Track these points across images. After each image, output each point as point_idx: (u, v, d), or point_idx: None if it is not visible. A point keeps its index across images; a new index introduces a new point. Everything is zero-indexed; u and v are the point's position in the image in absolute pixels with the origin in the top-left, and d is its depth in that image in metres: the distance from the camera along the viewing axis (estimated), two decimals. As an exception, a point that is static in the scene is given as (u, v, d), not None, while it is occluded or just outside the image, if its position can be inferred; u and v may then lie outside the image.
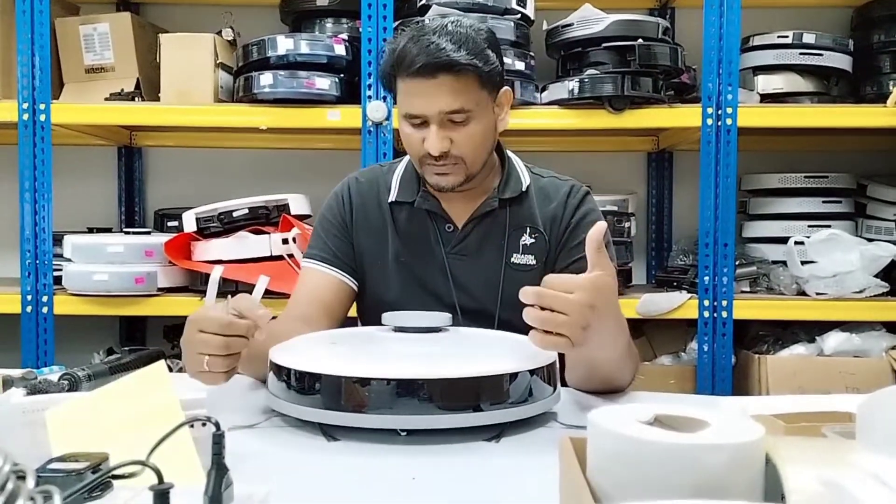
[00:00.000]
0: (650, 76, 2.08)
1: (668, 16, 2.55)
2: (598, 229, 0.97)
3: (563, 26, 2.15)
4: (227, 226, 2.21)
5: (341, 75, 2.18)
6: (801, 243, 2.14)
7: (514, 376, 0.92)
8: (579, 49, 2.14)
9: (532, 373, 0.94)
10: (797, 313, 2.13)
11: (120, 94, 2.30)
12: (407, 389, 0.88)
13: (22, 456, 0.75)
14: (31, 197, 2.22)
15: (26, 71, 2.18)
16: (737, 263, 2.15)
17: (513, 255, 1.32)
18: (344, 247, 1.36)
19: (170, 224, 2.44)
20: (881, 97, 2.17)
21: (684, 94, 2.27)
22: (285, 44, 2.15)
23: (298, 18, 2.35)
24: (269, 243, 2.16)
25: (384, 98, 2.11)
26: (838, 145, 2.50)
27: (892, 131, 2.14)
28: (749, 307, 2.13)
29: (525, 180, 1.36)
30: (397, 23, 2.10)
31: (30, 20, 2.17)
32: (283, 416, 0.97)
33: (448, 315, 1.14)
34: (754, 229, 2.37)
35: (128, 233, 2.30)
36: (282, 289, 1.96)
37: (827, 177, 2.30)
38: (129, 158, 2.74)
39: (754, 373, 2.14)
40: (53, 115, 2.19)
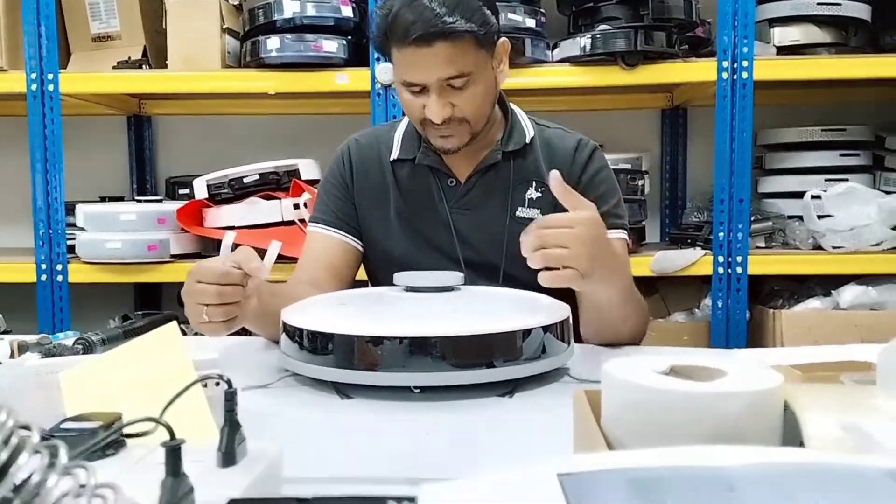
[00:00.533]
0: (664, 30, 2.04)
1: (681, -32, 2.49)
2: (555, 176, 0.99)
3: (575, -19, 2.11)
4: (238, 192, 2.20)
5: (349, 37, 2.15)
6: (818, 197, 2.11)
7: (527, 332, 0.91)
8: (591, 4, 2.09)
9: (545, 329, 0.93)
10: (813, 267, 2.11)
11: (127, 62, 2.28)
12: (420, 347, 0.88)
13: (36, 417, 0.76)
14: (43, 167, 2.22)
15: (33, 41, 2.17)
16: (752, 219, 2.13)
17: (517, 209, 1.30)
18: (347, 209, 1.36)
19: (181, 192, 2.44)
20: (901, 46, 2.12)
21: (699, 48, 2.22)
22: (291, 6, 2.12)
23: (304, -20, 2.31)
24: (281, 208, 2.16)
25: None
26: (856, 97, 2.45)
27: (912, 82, 2.10)
28: (764, 262, 2.11)
29: (529, 132, 1.34)
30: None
31: (35, -11, 2.15)
32: (297, 375, 0.97)
33: (460, 274, 1.14)
34: (770, 184, 2.33)
35: (139, 201, 2.30)
36: (294, 254, 1.95)
37: (844, 129, 2.26)
38: (139, 127, 2.73)
39: (769, 328, 2.13)
40: (62, 85, 2.18)
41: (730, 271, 2.10)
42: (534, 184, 1.31)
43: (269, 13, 2.13)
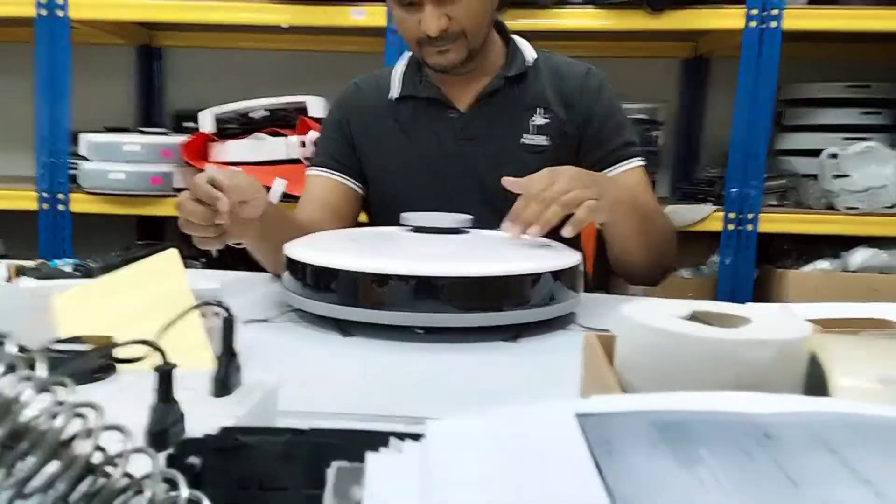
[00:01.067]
0: (692, -26, 1.97)
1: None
2: (505, 183, 1.03)
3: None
4: (245, 127, 2.16)
5: (366, -28, 2.09)
6: (835, 156, 2.06)
7: (536, 277, 0.89)
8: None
9: (554, 274, 0.90)
10: (825, 227, 2.07)
11: (139, -11, 2.22)
12: (425, 288, 0.85)
13: (27, 338, 0.74)
14: (49, 95, 2.18)
15: (42, -36, 2.10)
16: (766, 176, 2.08)
17: (523, 136, 1.27)
18: (346, 152, 1.34)
19: (186, 125, 2.39)
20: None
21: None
22: (307, -64, 2.05)
23: None
24: (286, 146, 2.12)
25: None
26: (887, 53, 2.37)
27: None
28: (775, 221, 2.07)
29: (530, 55, 1.31)
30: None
31: None
32: (299, 311, 0.95)
33: (469, 217, 1.11)
34: (788, 141, 2.28)
35: (144, 132, 2.26)
36: (299, 192, 1.93)
37: (869, 86, 2.19)
38: (149, 58, 2.68)
39: (775, 287, 2.10)
40: (71, 11, 2.12)
41: (740, 228, 2.06)
42: (540, 109, 1.28)
43: (284, -57, 2.06)
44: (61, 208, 2.27)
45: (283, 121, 2.16)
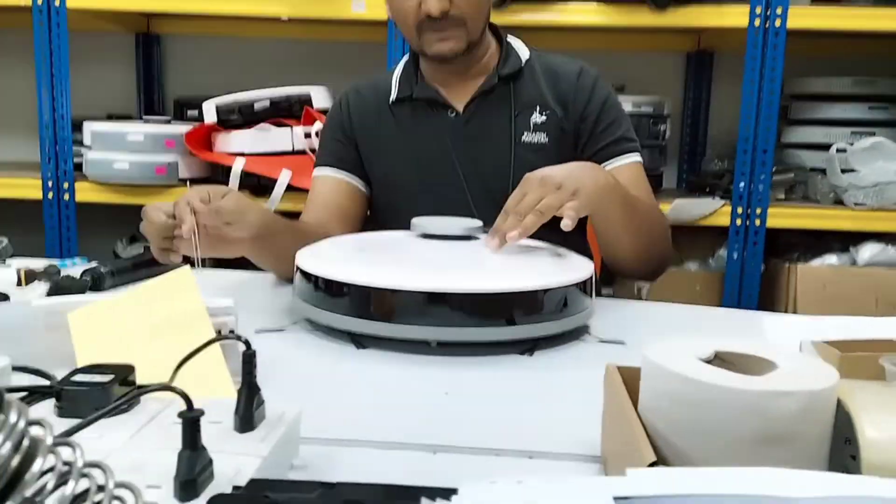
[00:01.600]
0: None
1: None
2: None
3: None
4: (248, 118, 2.15)
5: (367, -38, 2.06)
6: (843, 151, 2.05)
7: (550, 290, 0.88)
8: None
9: (568, 287, 0.90)
10: (833, 223, 2.06)
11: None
12: (440, 301, 0.85)
13: (44, 360, 0.74)
14: (48, 82, 2.17)
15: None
16: (773, 170, 2.08)
17: (523, 134, 1.27)
18: (350, 152, 1.34)
19: (189, 113, 2.38)
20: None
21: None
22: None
23: None
24: (292, 136, 2.11)
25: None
26: (890, 50, 2.36)
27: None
28: (783, 215, 2.07)
29: (524, 54, 1.31)
30: None
31: None
32: (312, 320, 0.95)
33: (478, 223, 1.10)
34: (794, 134, 2.27)
35: (147, 120, 2.24)
36: (303, 184, 1.92)
37: (875, 82, 2.18)
38: (147, 46, 2.66)
39: (783, 282, 2.10)
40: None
41: (748, 223, 2.06)
42: (538, 108, 1.28)
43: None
44: (66, 198, 2.26)
45: (285, 111, 2.15)
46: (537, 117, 1.28)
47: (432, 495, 0.38)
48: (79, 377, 0.57)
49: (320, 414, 0.63)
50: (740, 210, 2.05)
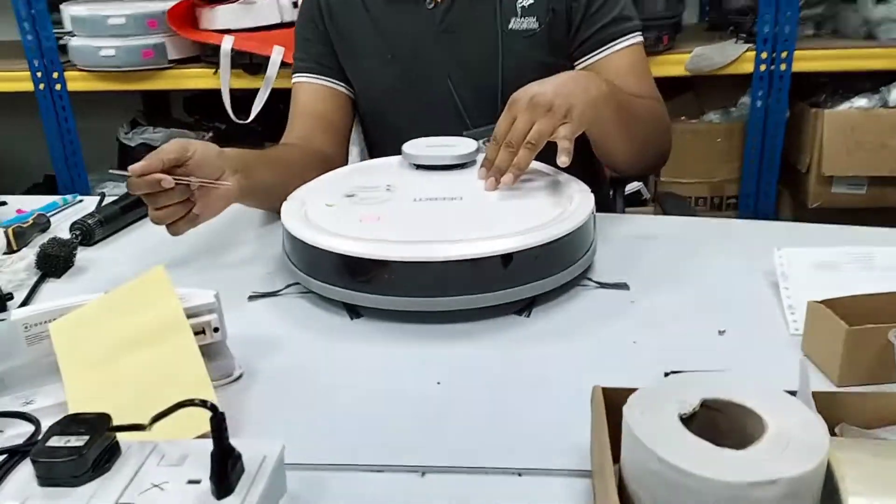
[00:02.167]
0: None
1: None
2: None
3: None
4: (233, -12, 2.01)
5: None
6: (879, -22, 1.87)
7: (550, 245, 0.84)
8: None
9: (567, 238, 0.85)
10: (864, 63, 1.92)
11: None
12: (433, 271, 0.81)
13: (29, 377, 0.73)
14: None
15: None
16: (801, 3, 1.91)
17: (510, 21, 1.16)
18: (327, 52, 1.25)
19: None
20: None
21: None
22: None
23: None
24: (279, 8, 1.98)
25: None
26: None
27: None
28: (810, 58, 1.93)
29: None
30: None
31: None
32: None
33: (472, 145, 1.04)
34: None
35: (125, -2, 2.12)
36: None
37: None
38: None
39: (808, 128, 2.01)
40: None
41: (772, 68, 1.93)
42: None
43: None
44: (58, 88, 2.19)
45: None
46: (524, 0, 1.16)
47: None
48: (53, 441, 0.56)
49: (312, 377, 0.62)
50: (765, 55, 1.91)
